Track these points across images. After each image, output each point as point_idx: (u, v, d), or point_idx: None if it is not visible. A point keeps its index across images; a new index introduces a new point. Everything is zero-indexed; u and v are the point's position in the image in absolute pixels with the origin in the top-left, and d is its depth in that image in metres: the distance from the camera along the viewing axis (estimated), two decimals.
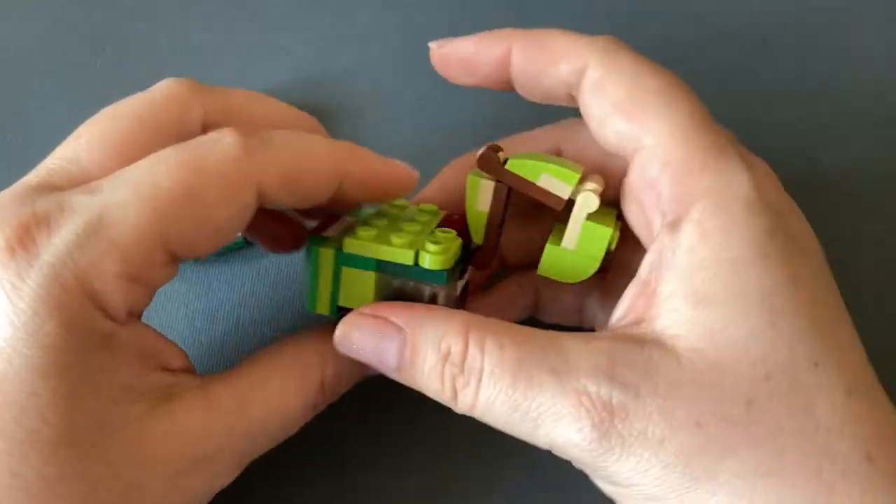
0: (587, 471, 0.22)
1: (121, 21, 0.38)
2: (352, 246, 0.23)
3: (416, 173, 0.25)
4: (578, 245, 0.24)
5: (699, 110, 0.23)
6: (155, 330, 0.22)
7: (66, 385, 0.19)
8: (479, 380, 0.21)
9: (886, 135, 0.35)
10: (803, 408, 0.20)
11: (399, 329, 0.22)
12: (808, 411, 0.20)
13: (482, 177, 0.25)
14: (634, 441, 0.20)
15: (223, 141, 0.21)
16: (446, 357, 0.21)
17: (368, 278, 0.24)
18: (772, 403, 0.20)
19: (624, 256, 0.26)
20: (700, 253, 0.21)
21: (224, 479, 0.22)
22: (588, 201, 0.24)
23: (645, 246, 0.24)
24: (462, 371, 0.21)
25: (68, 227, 0.20)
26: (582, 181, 0.24)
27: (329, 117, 0.36)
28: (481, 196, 0.25)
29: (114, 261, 0.20)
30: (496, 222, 0.25)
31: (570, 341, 0.21)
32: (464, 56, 0.26)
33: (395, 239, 0.23)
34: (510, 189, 0.25)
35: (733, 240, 0.21)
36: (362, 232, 0.23)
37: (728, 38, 0.38)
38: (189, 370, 0.23)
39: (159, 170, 0.21)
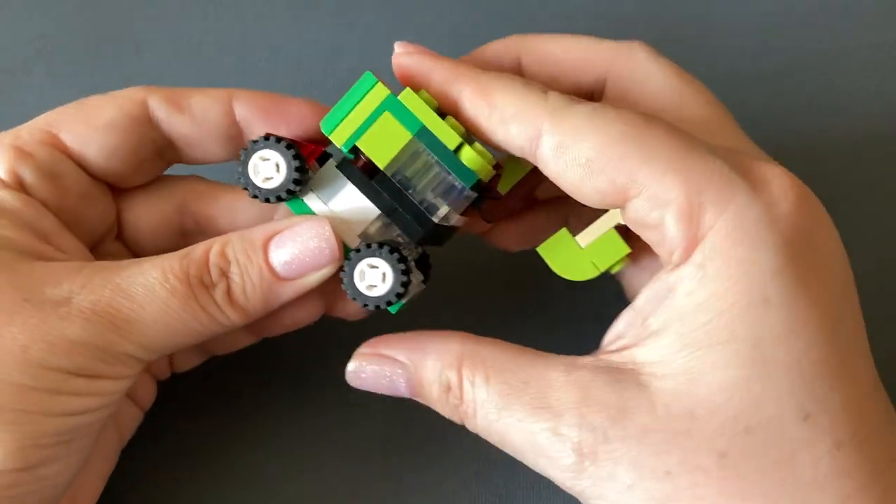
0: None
1: (121, 21, 0.38)
2: (410, 100, 0.23)
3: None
4: (591, 247, 0.24)
5: (679, 139, 0.21)
6: (53, 219, 0.24)
7: None
8: (475, 410, 0.22)
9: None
10: (783, 462, 0.19)
11: (403, 365, 0.23)
12: (789, 466, 0.19)
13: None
14: (604, 484, 0.20)
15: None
16: (448, 390, 0.23)
17: (402, 137, 0.23)
18: (746, 457, 0.19)
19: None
20: (697, 297, 0.20)
21: (84, 328, 0.21)
22: (617, 215, 0.23)
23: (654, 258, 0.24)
24: (461, 402, 0.22)
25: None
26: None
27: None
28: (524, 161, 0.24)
29: (13, 136, 0.24)
30: (529, 183, 0.25)
31: (554, 372, 0.21)
32: (416, 75, 0.24)
33: (452, 120, 0.23)
34: None
35: (734, 285, 0.20)
36: (426, 94, 0.23)
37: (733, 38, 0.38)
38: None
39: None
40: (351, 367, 0.24)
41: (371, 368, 0.24)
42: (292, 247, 0.24)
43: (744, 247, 0.20)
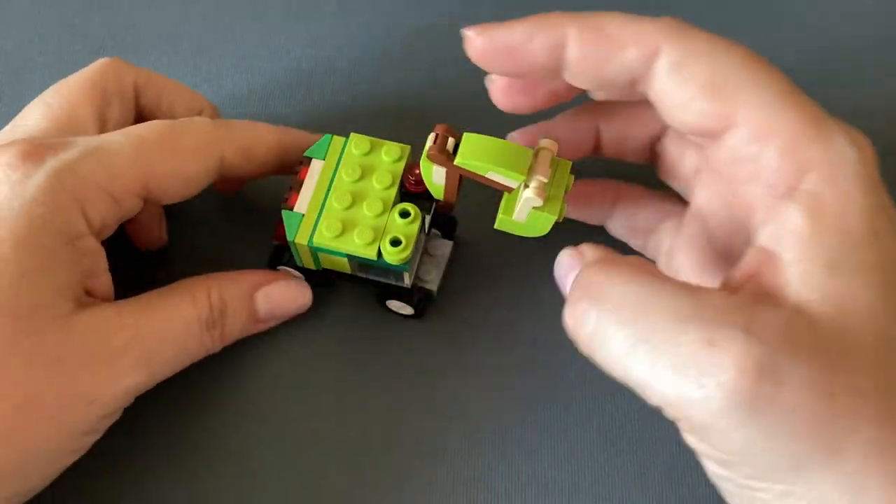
0: (694, 436, 0.21)
1: (121, 21, 0.38)
2: (321, 241, 0.27)
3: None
4: (527, 223, 0.26)
5: (788, 82, 0.22)
6: (106, 261, 0.26)
7: (31, 262, 0.23)
8: (600, 311, 0.21)
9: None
10: None
11: (578, 263, 0.24)
12: None
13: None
14: (766, 406, 0.19)
15: (196, 120, 0.28)
16: (581, 284, 0.23)
17: (342, 259, 0.28)
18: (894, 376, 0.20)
19: (702, 202, 0.27)
20: (821, 222, 0.21)
21: (133, 377, 0.25)
22: (531, 200, 0.24)
23: (733, 218, 0.25)
24: (586, 295, 0.22)
25: (72, 150, 0.25)
26: (531, 170, 0.24)
27: (329, 117, 0.36)
28: (436, 175, 0.26)
29: (104, 178, 0.25)
30: (452, 191, 0.27)
31: (706, 289, 0.21)
32: (510, 45, 0.24)
33: (357, 238, 0.27)
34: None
35: (848, 212, 0.21)
36: (326, 231, 0.27)
37: None
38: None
39: (148, 128, 0.27)
40: (559, 259, 0.25)
41: (565, 260, 0.24)
42: (280, 304, 0.29)
43: (849, 181, 0.21)
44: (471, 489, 0.29)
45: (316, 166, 0.28)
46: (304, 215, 0.27)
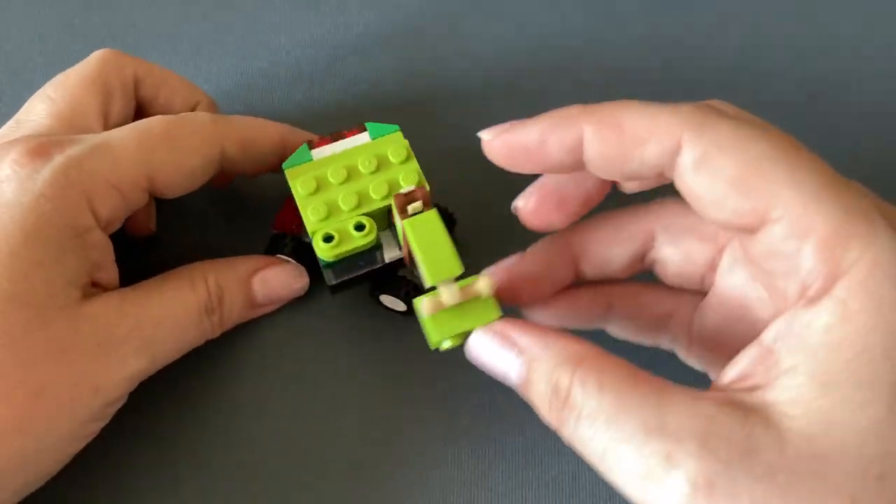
0: None
1: (121, 21, 0.39)
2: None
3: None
4: (461, 318, 0.24)
5: (825, 169, 0.20)
6: (113, 253, 0.27)
7: (41, 254, 0.24)
8: (578, 418, 0.21)
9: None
10: None
11: (520, 353, 0.23)
12: None
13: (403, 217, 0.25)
14: None
15: (198, 115, 0.28)
16: (555, 390, 0.21)
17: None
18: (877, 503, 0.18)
19: (727, 286, 0.25)
20: (837, 334, 0.19)
21: (135, 364, 0.26)
22: (420, 308, 0.23)
23: (767, 306, 0.23)
24: (565, 406, 0.21)
25: (78, 146, 0.25)
26: (447, 284, 0.23)
27: (329, 117, 0.36)
28: (397, 219, 0.26)
29: (110, 172, 0.25)
30: (405, 247, 0.27)
31: (676, 396, 0.20)
32: (527, 146, 0.23)
33: (312, 213, 0.27)
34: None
35: (875, 325, 0.19)
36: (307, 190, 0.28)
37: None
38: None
39: (151, 123, 0.27)
40: (473, 339, 0.24)
41: (492, 347, 0.23)
42: (276, 288, 0.30)
43: (883, 290, 0.19)
44: (471, 489, 0.29)
45: (362, 138, 0.29)
46: (312, 160, 0.28)
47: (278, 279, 0.30)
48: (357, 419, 0.30)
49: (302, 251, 0.30)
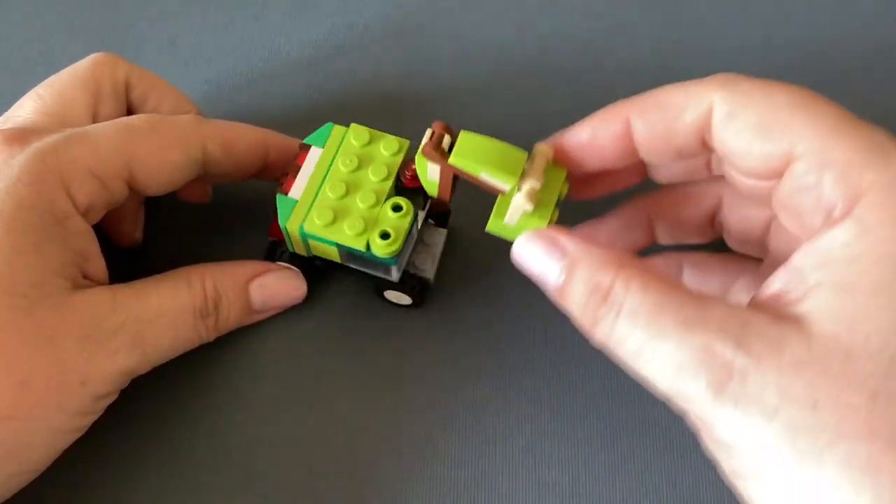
0: (700, 432, 0.22)
1: (121, 21, 0.39)
2: (311, 228, 0.27)
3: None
4: (518, 225, 0.25)
5: (842, 111, 0.22)
6: (97, 244, 0.26)
7: (22, 241, 0.24)
8: (618, 315, 0.22)
9: None
10: None
11: (564, 254, 0.24)
12: None
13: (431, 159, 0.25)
14: (748, 404, 0.20)
15: (182, 115, 0.29)
16: (595, 288, 0.23)
17: (332, 248, 0.28)
18: None
19: (778, 248, 0.27)
20: (856, 248, 0.21)
21: (125, 359, 0.25)
22: (521, 206, 0.24)
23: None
24: (604, 303, 0.22)
25: (57, 134, 0.26)
26: (524, 174, 0.25)
27: (329, 117, 0.36)
28: (430, 172, 0.26)
29: (88, 159, 0.25)
30: (446, 189, 0.27)
31: (715, 302, 0.22)
32: (581, 144, 0.26)
33: (347, 228, 0.27)
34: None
35: (891, 237, 0.21)
36: (317, 218, 0.27)
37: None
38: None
39: (133, 117, 0.28)
40: (521, 240, 0.25)
41: (538, 246, 0.24)
42: (274, 294, 0.30)
43: None
44: (471, 489, 0.29)
45: (314, 154, 0.28)
46: (297, 201, 0.28)
47: (277, 285, 0.30)
48: (357, 419, 0.30)
49: (299, 258, 0.30)
